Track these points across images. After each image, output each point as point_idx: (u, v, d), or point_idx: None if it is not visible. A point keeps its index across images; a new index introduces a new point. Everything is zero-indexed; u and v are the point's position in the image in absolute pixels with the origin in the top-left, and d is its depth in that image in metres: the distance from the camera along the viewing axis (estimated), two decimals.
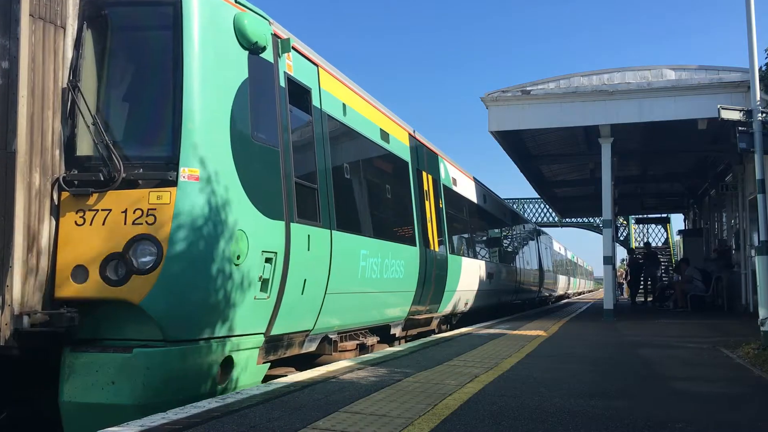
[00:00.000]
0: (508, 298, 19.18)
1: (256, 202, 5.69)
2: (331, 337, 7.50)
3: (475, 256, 14.53)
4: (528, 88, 14.33)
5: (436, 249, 11.26)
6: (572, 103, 14.10)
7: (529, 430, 3.94)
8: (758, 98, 8.73)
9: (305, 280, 6.41)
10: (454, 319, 13.67)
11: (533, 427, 4.03)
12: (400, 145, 10.09)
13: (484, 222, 16.47)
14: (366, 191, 8.68)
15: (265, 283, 5.80)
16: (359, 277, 7.85)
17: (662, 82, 13.56)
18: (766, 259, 8.31)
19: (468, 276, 13.30)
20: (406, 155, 10.32)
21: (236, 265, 5.38)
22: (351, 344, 8.14)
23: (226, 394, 5.17)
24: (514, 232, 21.28)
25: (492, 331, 11.54)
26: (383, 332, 9.48)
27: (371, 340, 8.75)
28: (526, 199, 63.20)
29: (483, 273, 14.84)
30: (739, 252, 16.95)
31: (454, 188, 13.36)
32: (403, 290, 9.59)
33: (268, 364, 6.24)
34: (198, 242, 5.10)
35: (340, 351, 7.77)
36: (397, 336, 9.99)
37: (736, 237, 17.75)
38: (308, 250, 6.45)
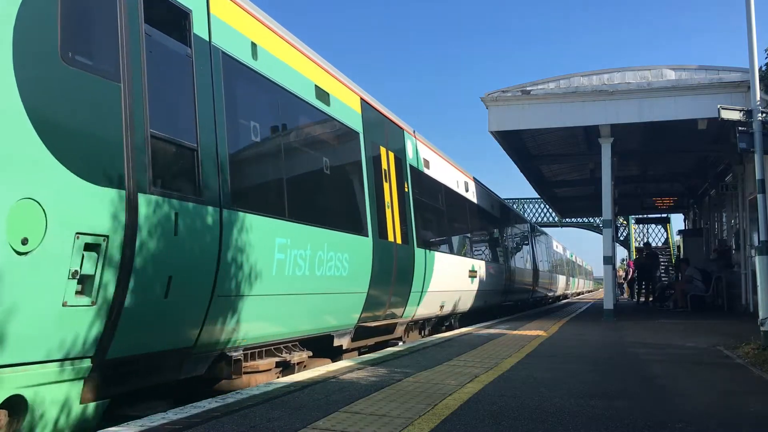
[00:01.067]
0: (497, 300, 17.52)
1: (66, 157, 3.87)
2: (230, 355, 5.64)
3: (453, 252, 12.85)
4: (528, 88, 14.34)
5: (398, 241, 9.36)
6: (572, 103, 14.12)
7: (529, 430, 3.94)
8: (758, 98, 8.73)
9: (171, 278, 4.64)
10: (428, 325, 12.15)
11: (533, 427, 4.03)
12: (346, 110, 8.16)
13: (466, 214, 14.61)
14: (288, 161, 6.70)
15: (85, 282, 4.03)
16: (274, 275, 5.99)
17: (662, 82, 13.57)
18: (766, 259, 8.31)
19: (444, 274, 11.53)
20: (355, 124, 8.41)
21: (20, 253, 3.61)
22: (266, 363, 6.22)
23: (226, 394, 5.01)
24: (505, 228, 19.42)
25: (492, 331, 11.54)
26: (325, 344, 7.69)
27: (298, 356, 6.80)
28: (526, 199, 63.34)
29: (464, 271, 13.21)
30: (739, 252, 16.96)
31: (426, 171, 11.46)
32: (348, 291, 7.80)
33: (107, 400, 4.44)
34: None
35: (247, 372, 6.00)
36: (344, 348, 8.14)
37: (736, 237, 17.75)
38: (176, 234, 4.66)
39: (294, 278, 6.39)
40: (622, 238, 52.83)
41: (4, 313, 3.58)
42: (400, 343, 9.92)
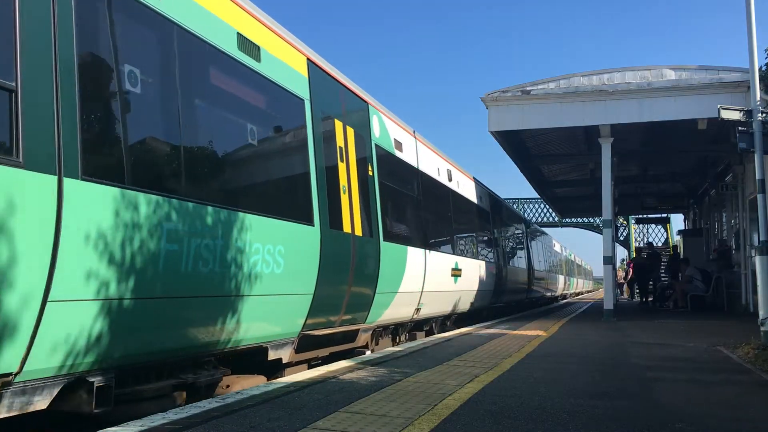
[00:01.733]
0: (487, 301, 16.01)
1: None
2: (91, 380, 4.22)
3: (432, 248, 11.16)
4: (528, 88, 14.35)
5: (358, 232, 7.90)
6: (572, 103, 14.12)
7: (529, 430, 3.94)
8: (758, 98, 8.75)
9: None
10: (403, 330, 10.72)
11: (533, 427, 4.03)
12: (285, 71, 6.59)
13: (449, 206, 13.00)
14: (188, 123, 5.14)
15: None
16: (161, 271, 4.59)
17: (662, 82, 13.58)
18: (766, 259, 8.32)
19: (420, 273, 10.18)
20: (299, 89, 6.85)
21: None
22: (155, 389, 4.85)
23: (226, 394, 5.05)
24: (497, 224, 17.84)
25: (492, 331, 11.54)
26: (259, 357, 6.30)
27: (208, 375, 5.39)
28: (526, 199, 63.47)
29: (446, 270, 11.76)
30: (739, 252, 16.97)
31: (398, 154, 9.94)
32: (285, 292, 6.32)
33: None
34: None
35: (125, 401, 4.60)
36: (285, 361, 6.68)
37: (736, 237, 17.77)
38: None
39: (196, 276, 4.94)
40: (622, 238, 52.87)
41: None
42: (368, 352, 8.55)
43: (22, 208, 3.63)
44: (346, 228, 7.61)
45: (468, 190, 14.72)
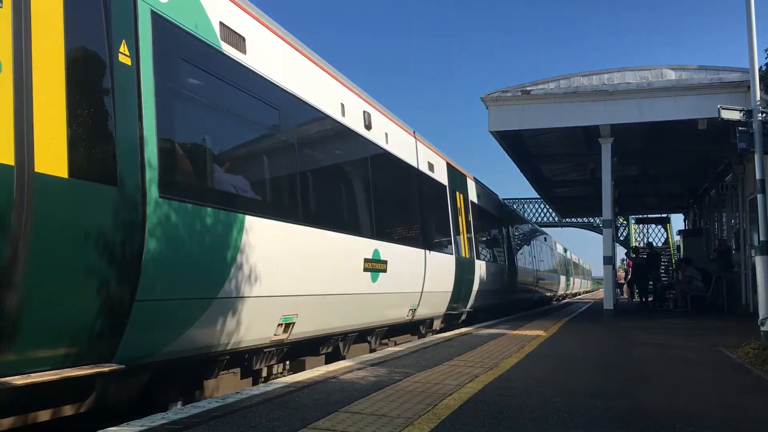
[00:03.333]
0: (440, 307, 12.15)
1: None
2: None
3: (317, 223, 7.03)
4: (528, 88, 14.34)
5: (55, 170, 3.79)
6: (572, 103, 14.11)
7: (530, 430, 3.95)
8: (758, 98, 8.75)
9: None
10: (262, 361, 6.52)
11: (533, 427, 4.03)
12: None
13: (364, 165, 8.97)
14: None
15: None
16: None
17: (662, 82, 13.57)
18: (766, 259, 8.32)
19: (283, 263, 6.26)
20: None
21: None
22: None
23: (226, 394, 5.05)
24: (459, 205, 13.63)
25: (492, 331, 11.54)
26: None
27: None
28: (526, 199, 63.41)
29: (348, 260, 7.93)
30: (739, 252, 16.97)
31: (234, 53, 5.76)
32: None
33: None
34: None
35: None
36: None
37: (736, 237, 17.77)
38: None
39: None
40: (622, 238, 52.87)
41: None
42: (175, 406, 5.21)
43: None
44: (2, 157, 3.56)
45: (406, 151, 10.55)
